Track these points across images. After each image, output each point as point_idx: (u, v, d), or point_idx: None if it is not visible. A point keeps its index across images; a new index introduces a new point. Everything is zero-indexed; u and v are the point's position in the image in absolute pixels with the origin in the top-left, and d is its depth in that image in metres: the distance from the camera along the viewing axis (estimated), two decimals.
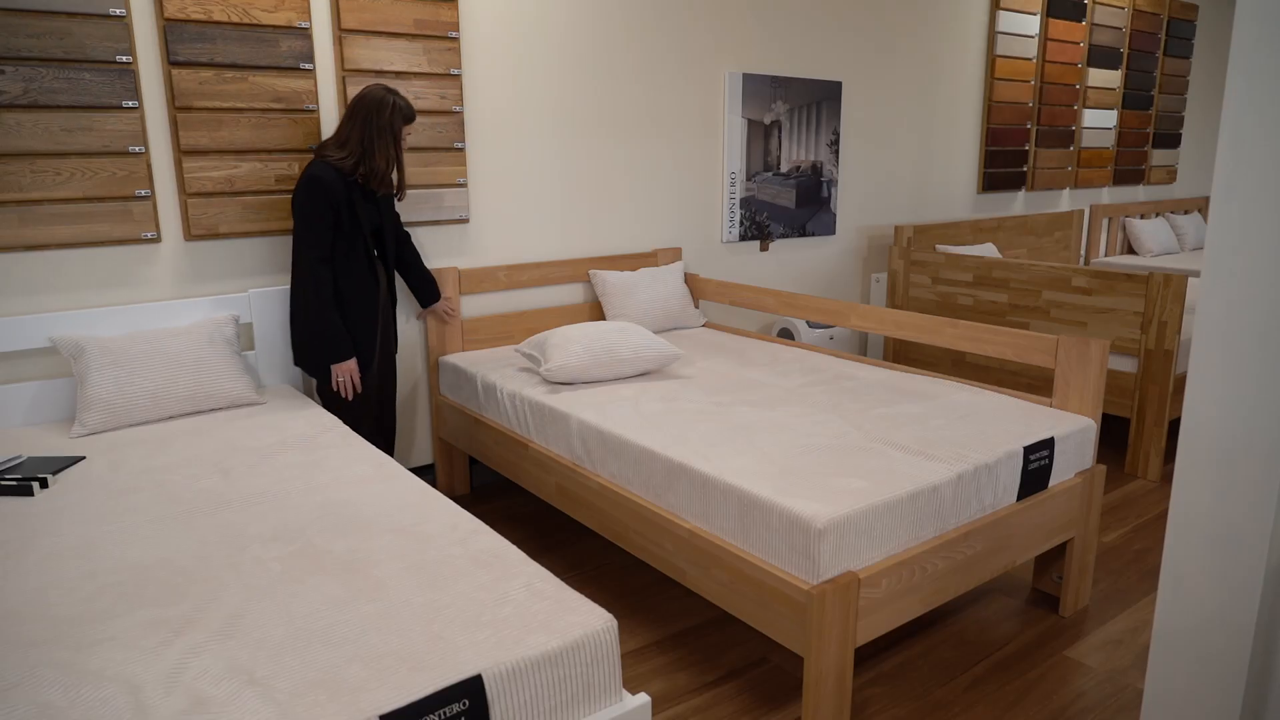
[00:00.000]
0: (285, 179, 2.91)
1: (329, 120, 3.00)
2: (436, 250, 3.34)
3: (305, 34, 2.88)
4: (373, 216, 2.83)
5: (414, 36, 3.10)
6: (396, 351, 3.09)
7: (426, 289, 3.18)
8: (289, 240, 3.02)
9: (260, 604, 1.50)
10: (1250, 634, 1.40)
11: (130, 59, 2.60)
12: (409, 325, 3.35)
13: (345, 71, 2.98)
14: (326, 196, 2.63)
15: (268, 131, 2.86)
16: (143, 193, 2.68)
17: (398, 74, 3.09)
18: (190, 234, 2.79)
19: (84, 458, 2.26)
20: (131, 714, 1.20)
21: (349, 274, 2.75)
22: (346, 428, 2.49)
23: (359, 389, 2.79)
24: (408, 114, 2.74)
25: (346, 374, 2.74)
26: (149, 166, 2.69)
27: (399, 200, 2.96)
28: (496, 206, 3.47)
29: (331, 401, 2.85)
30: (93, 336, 2.56)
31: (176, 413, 2.58)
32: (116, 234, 2.66)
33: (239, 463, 2.20)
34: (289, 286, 2.92)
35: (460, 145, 3.27)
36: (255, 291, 2.92)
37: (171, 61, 2.67)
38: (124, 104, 2.60)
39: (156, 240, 2.74)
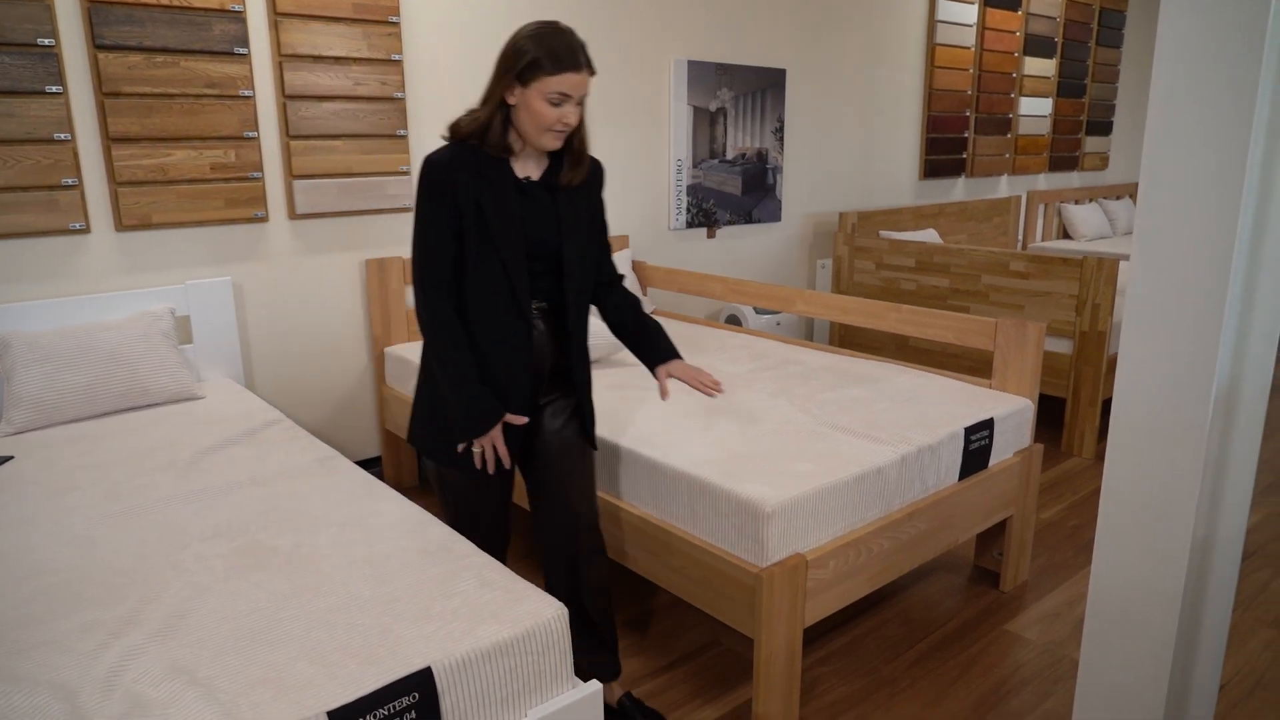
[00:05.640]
0: (221, 167, 2.83)
1: (265, 107, 2.92)
2: (380, 240, 3.29)
3: (239, 17, 2.80)
4: (537, 222, 1.77)
5: (353, 21, 3.03)
6: (593, 445, 1.97)
7: (650, 343, 1.98)
8: (228, 230, 2.94)
9: (202, 603, 1.46)
10: (1178, 603, 1.46)
11: (52, 42, 2.49)
12: (349, 309, 3.29)
13: (282, 56, 2.91)
14: (441, 188, 1.71)
15: (201, 118, 2.77)
16: (69, 181, 2.58)
17: (337, 59, 3.02)
18: (122, 224, 2.69)
19: (12, 457, 2.18)
20: (67, 719, 1.17)
21: (477, 310, 1.76)
22: (291, 421, 2.43)
23: (507, 462, 1.81)
24: (554, 61, 1.67)
25: (487, 443, 1.77)
26: (75, 154, 2.59)
27: (569, 180, 1.80)
28: None
29: (449, 495, 1.93)
30: (19, 331, 2.47)
31: (111, 409, 2.50)
32: (42, 224, 2.56)
33: (178, 459, 2.14)
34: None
35: (403, 133, 3.22)
36: (193, 283, 2.84)
37: (97, 45, 2.57)
38: (47, 89, 2.50)
39: (85, 230, 2.65)
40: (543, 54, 1.67)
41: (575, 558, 1.92)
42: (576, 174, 1.81)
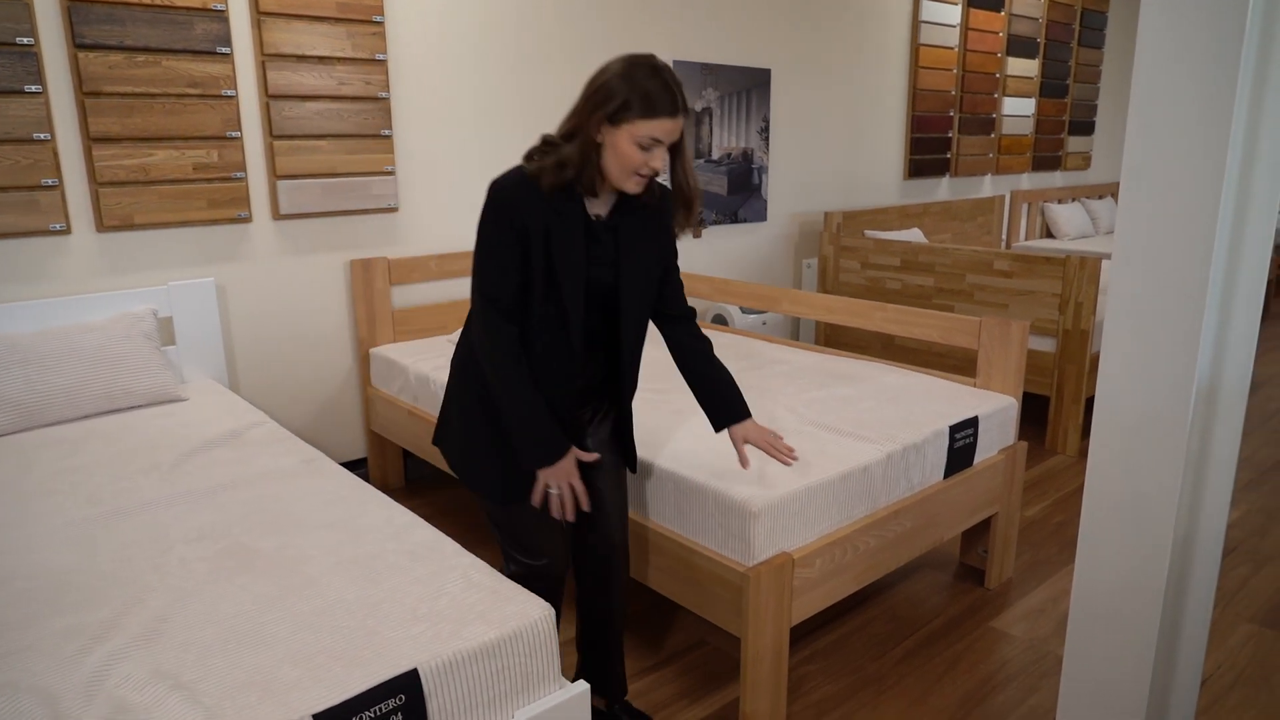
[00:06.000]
0: (203, 167, 2.81)
1: (248, 107, 2.90)
2: (364, 240, 3.27)
3: (221, 16, 2.78)
4: (599, 262, 1.70)
5: (337, 20, 3.02)
6: (632, 468, 1.93)
7: (719, 398, 1.89)
8: (211, 231, 2.92)
9: (186, 606, 1.45)
10: (1160, 599, 1.48)
11: (32, 40, 2.47)
12: (334, 310, 3.27)
13: (265, 56, 2.89)
14: (510, 214, 1.62)
15: (183, 118, 2.75)
16: (50, 182, 2.55)
17: (320, 59, 3.00)
18: (103, 224, 2.67)
19: None
20: None
21: (526, 337, 1.69)
22: (275, 423, 2.42)
23: (584, 503, 1.74)
24: (649, 104, 1.57)
25: (563, 481, 1.71)
26: (56, 154, 2.56)
27: (690, 232, 1.81)
28: (426, 195, 3.41)
29: (514, 536, 1.79)
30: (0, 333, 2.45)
31: (93, 411, 2.48)
32: (22, 225, 2.53)
33: (161, 461, 2.12)
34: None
35: (387, 133, 3.21)
36: (175, 284, 2.82)
37: (77, 44, 2.54)
38: (26, 88, 2.48)
39: (66, 231, 2.62)
40: (635, 97, 1.56)
41: (608, 572, 1.92)
42: (689, 221, 1.75)
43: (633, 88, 1.56)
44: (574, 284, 1.66)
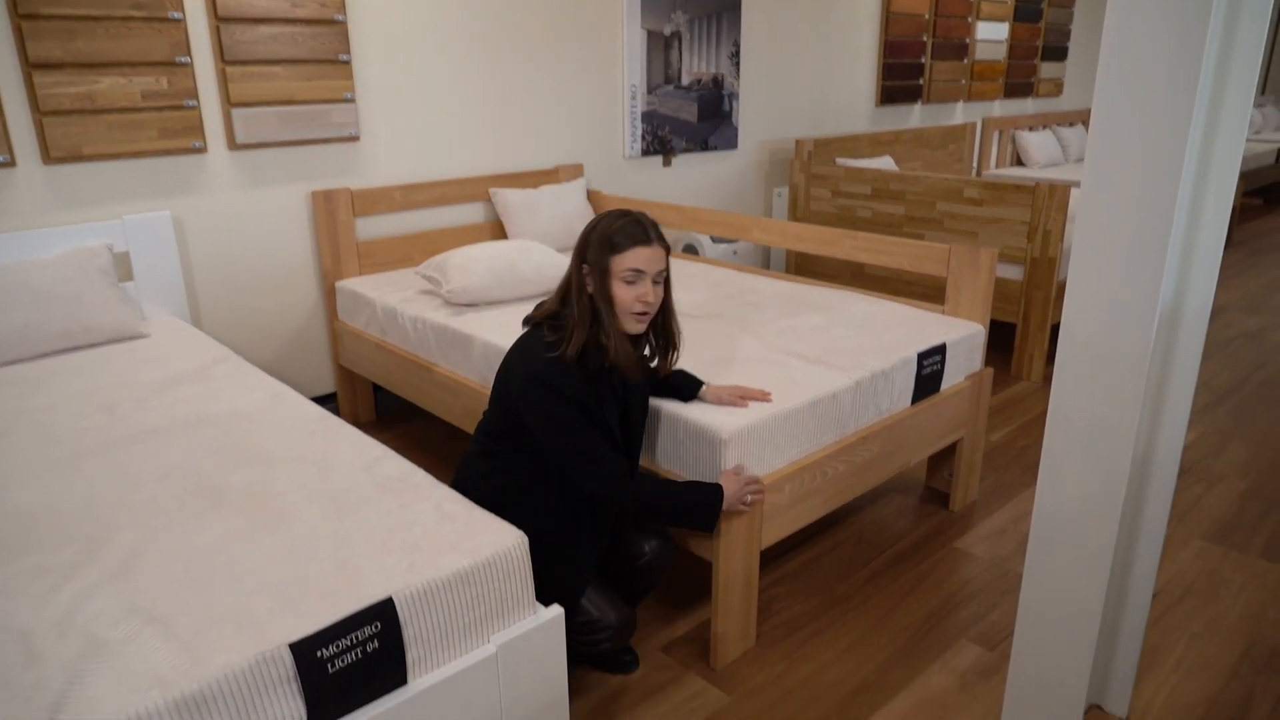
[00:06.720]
0: (152, 94, 2.70)
1: (197, 31, 2.78)
2: (325, 170, 3.18)
3: None
4: (619, 402, 1.87)
5: None
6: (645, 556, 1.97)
7: (681, 383, 2.04)
8: (165, 162, 2.81)
9: (157, 543, 1.45)
10: (1116, 519, 1.52)
11: None
12: (296, 243, 3.20)
13: None
14: (565, 396, 1.72)
15: (129, 42, 2.63)
16: None
17: None
18: (50, 157, 2.57)
19: None
20: (22, 661, 1.16)
21: (559, 479, 1.81)
22: (240, 358, 2.38)
23: (762, 484, 1.92)
24: (618, 238, 1.72)
25: (748, 490, 1.87)
26: None
27: (663, 370, 1.95)
28: (389, 123, 3.32)
29: (582, 626, 1.81)
30: None
31: (50, 350, 2.42)
32: None
33: (125, 398, 2.09)
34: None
35: (345, 58, 3.09)
36: (130, 218, 2.74)
37: None
38: None
39: (10, 164, 2.52)
40: (604, 236, 1.72)
41: (662, 563, 1.98)
42: (668, 363, 1.92)
43: (599, 232, 1.73)
44: (612, 433, 1.82)
